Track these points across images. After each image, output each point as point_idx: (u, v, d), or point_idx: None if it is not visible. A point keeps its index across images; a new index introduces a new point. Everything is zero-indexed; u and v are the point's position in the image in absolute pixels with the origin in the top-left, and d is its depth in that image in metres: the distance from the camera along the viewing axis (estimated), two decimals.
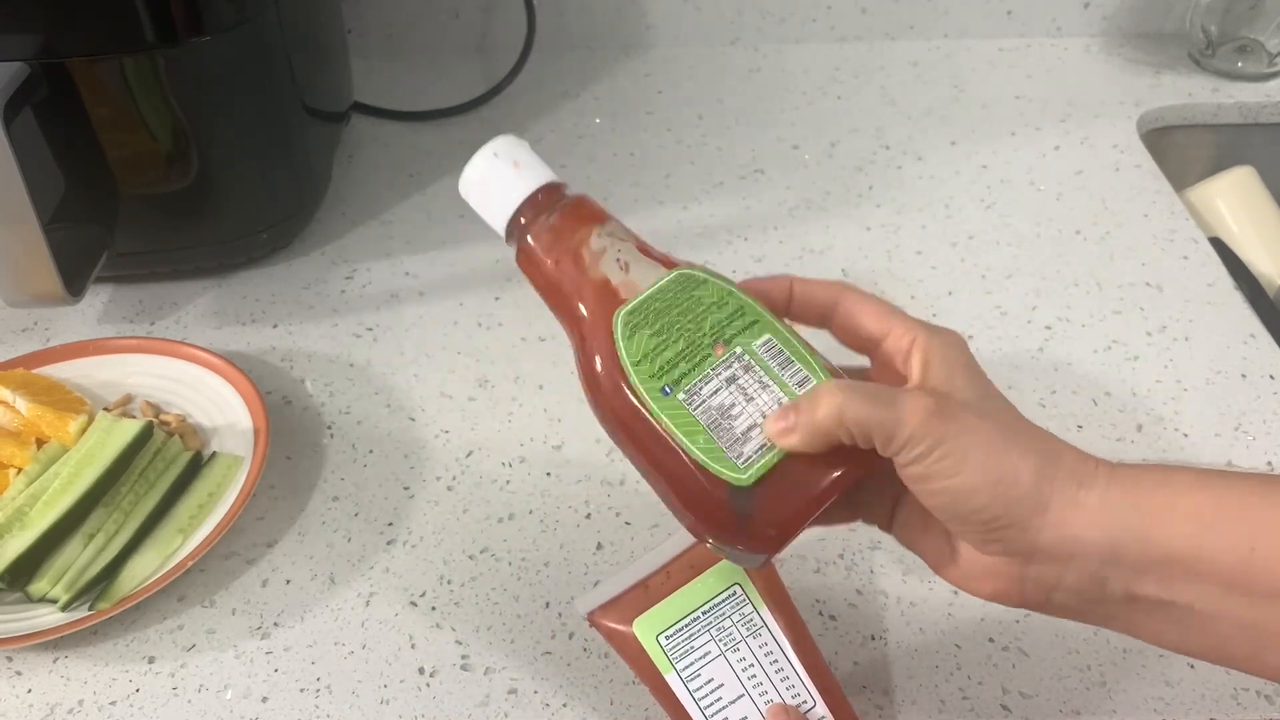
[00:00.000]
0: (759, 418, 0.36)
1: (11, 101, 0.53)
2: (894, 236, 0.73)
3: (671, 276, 0.38)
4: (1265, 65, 0.88)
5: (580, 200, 0.40)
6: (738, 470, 0.36)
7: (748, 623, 0.39)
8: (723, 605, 0.39)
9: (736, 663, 0.38)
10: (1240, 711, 0.45)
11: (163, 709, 0.47)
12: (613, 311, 0.38)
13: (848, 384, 0.35)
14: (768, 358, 0.37)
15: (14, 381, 0.58)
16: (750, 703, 0.38)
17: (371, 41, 0.94)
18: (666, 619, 0.39)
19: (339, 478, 0.57)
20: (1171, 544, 0.33)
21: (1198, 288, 0.68)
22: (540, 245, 0.39)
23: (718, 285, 0.38)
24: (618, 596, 0.39)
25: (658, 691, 0.39)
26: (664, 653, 0.38)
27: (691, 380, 0.37)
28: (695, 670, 0.38)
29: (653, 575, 0.39)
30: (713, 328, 0.37)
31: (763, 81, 0.91)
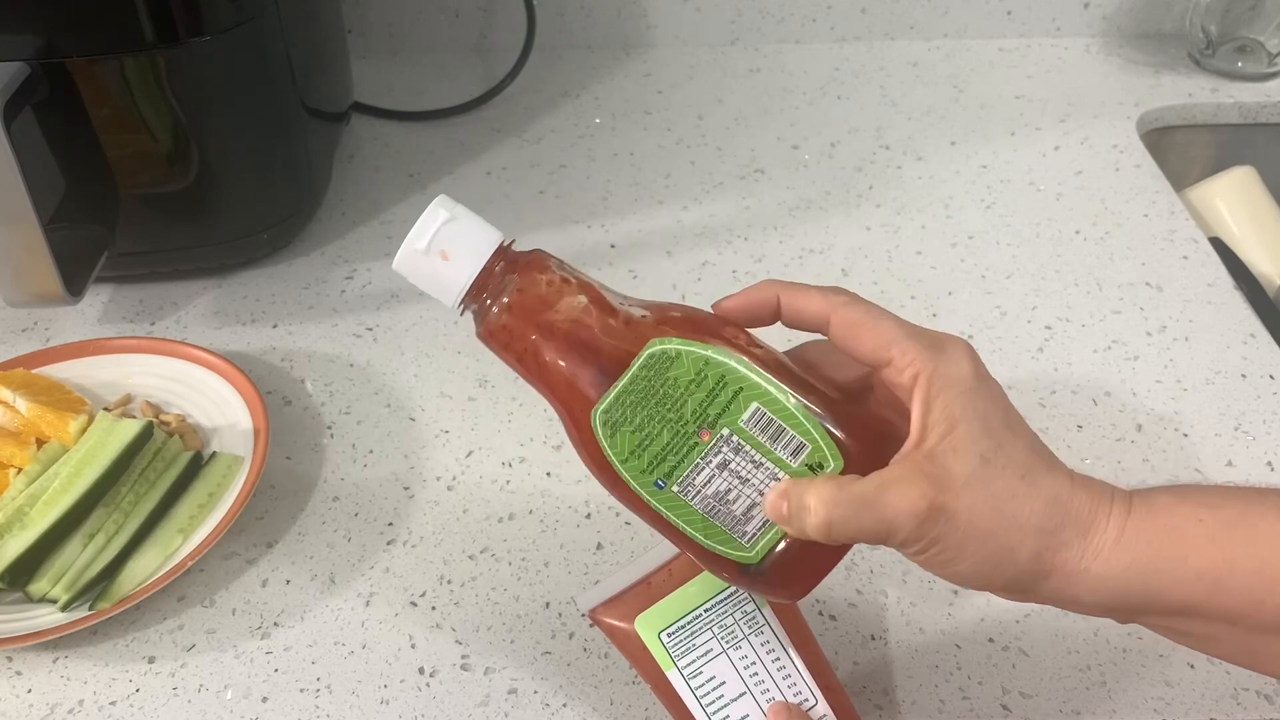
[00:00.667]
0: (757, 496, 0.35)
1: (12, 101, 0.53)
2: (894, 237, 0.73)
3: (641, 361, 0.35)
4: (1265, 65, 0.88)
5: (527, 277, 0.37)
6: (744, 549, 0.36)
7: (750, 620, 0.38)
8: (725, 603, 0.38)
9: (738, 660, 0.38)
10: (1240, 711, 0.45)
11: (163, 709, 0.47)
12: (588, 413, 0.36)
13: (830, 494, 0.33)
14: (756, 432, 0.35)
15: (14, 381, 0.58)
16: (752, 700, 0.38)
17: (371, 41, 0.94)
18: (669, 616, 0.38)
19: (339, 478, 0.57)
20: (1179, 601, 0.33)
21: (1198, 288, 0.68)
22: (498, 341, 0.36)
23: (692, 357, 0.36)
24: (620, 594, 0.39)
25: (659, 689, 0.39)
26: (666, 650, 0.38)
27: (683, 471, 0.35)
28: (697, 668, 0.38)
29: (655, 572, 0.39)
30: (694, 412, 0.35)
31: (763, 82, 0.91)
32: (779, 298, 0.37)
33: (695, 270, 0.70)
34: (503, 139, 0.84)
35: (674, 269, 0.70)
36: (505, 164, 0.82)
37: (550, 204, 0.77)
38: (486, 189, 0.79)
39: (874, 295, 0.68)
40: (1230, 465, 0.56)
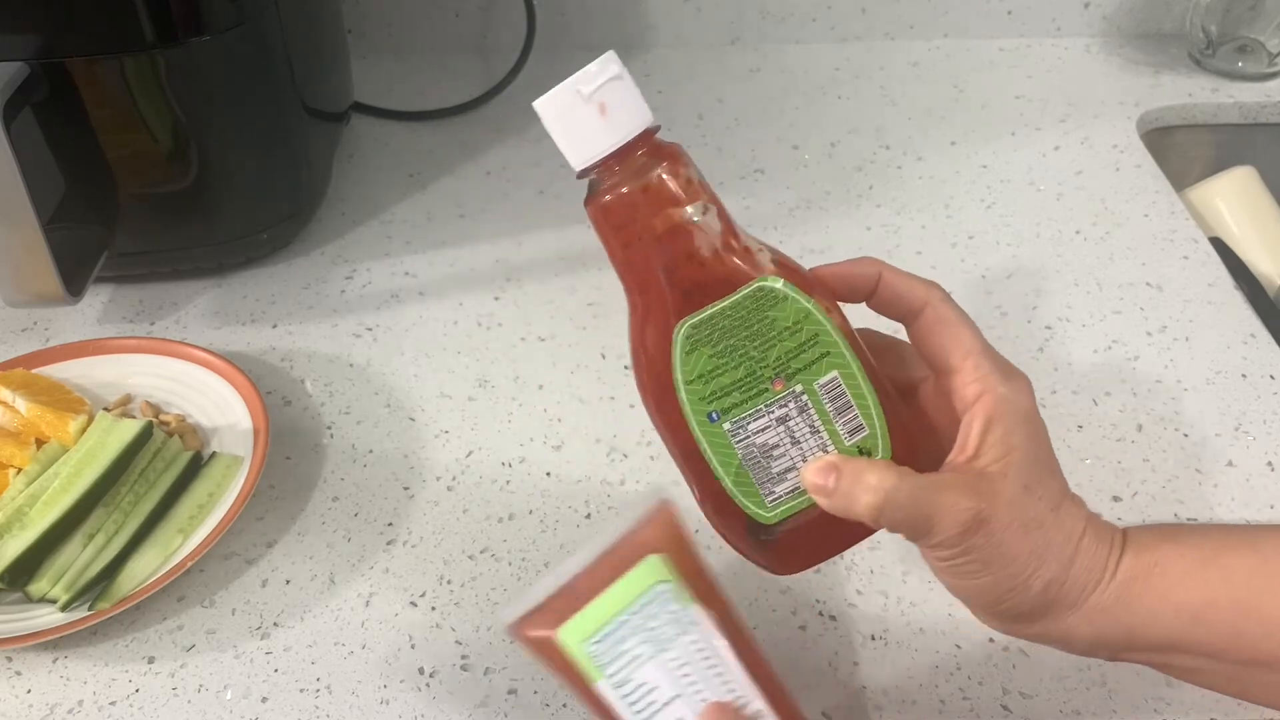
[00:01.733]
0: (800, 462, 0.36)
1: (11, 101, 0.53)
2: (894, 237, 0.73)
3: (749, 291, 0.35)
4: (1265, 65, 0.88)
5: (673, 168, 0.35)
6: (764, 508, 0.36)
7: (677, 620, 0.36)
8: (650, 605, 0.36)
9: (668, 663, 0.36)
10: (1241, 712, 0.45)
11: (162, 709, 0.47)
12: (674, 323, 0.35)
13: (892, 480, 0.34)
14: (826, 400, 0.36)
15: (14, 381, 0.58)
16: (685, 703, 0.36)
17: (371, 41, 0.94)
18: (592, 624, 0.36)
19: (339, 478, 0.57)
20: (1161, 636, 0.36)
21: (1198, 288, 0.68)
22: (616, 214, 0.35)
23: (796, 305, 0.35)
24: (541, 604, 0.37)
25: (588, 702, 0.37)
26: (592, 660, 0.36)
27: (741, 413, 0.35)
28: (625, 675, 0.36)
29: (577, 578, 0.37)
30: (777, 359, 0.35)
31: (763, 81, 0.91)
32: (880, 275, 0.37)
33: None
34: (503, 139, 0.84)
35: None
36: (505, 164, 0.82)
37: (550, 204, 0.77)
38: (487, 189, 0.79)
39: None
40: (1230, 465, 0.56)
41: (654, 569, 0.37)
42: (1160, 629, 0.35)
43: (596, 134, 0.34)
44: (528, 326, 0.66)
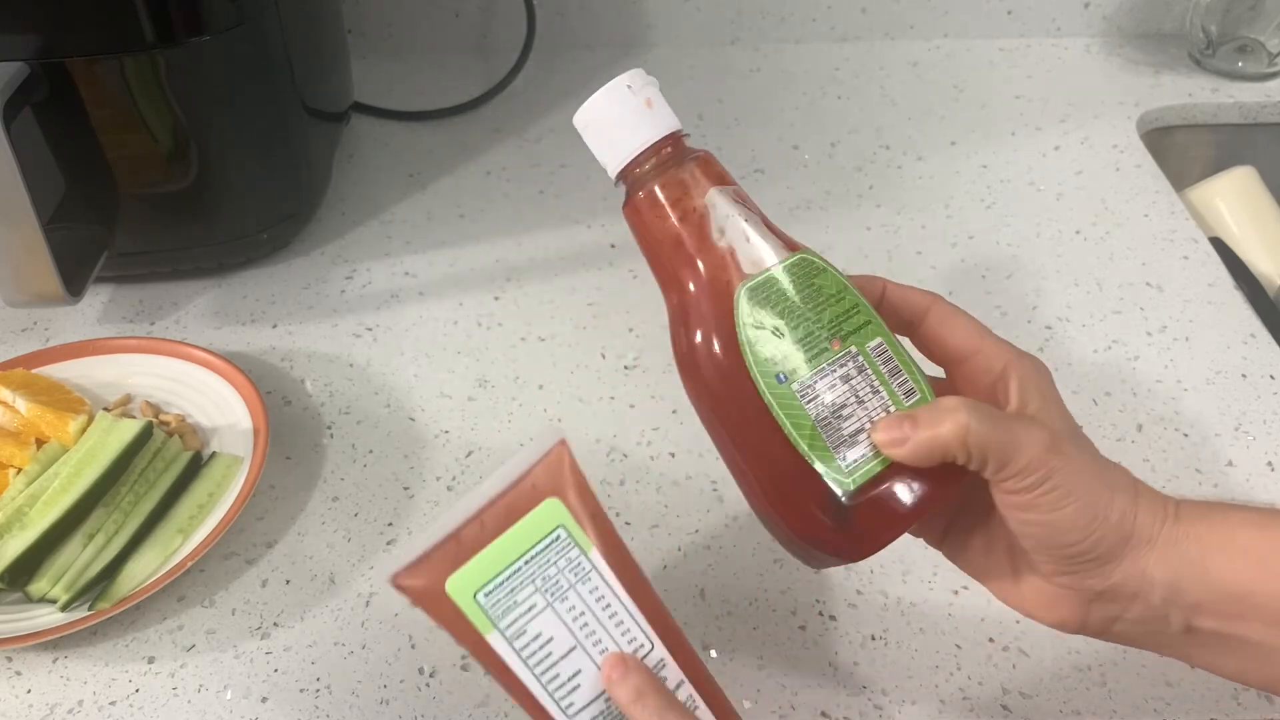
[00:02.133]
0: (866, 422, 0.35)
1: (11, 101, 0.53)
2: (894, 236, 0.73)
3: (795, 259, 0.37)
4: (1265, 65, 0.88)
5: (708, 156, 0.38)
6: (840, 473, 0.35)
7: (575, 568, 0.35)
8: (546, 551, 0.34)
9: (565, 613, 0.34)
10: (1240, 712, 0.45)
11: (162, 709, 0.47)
12: (735, 285, 0.36)
13: (972, 402, 0.34)
14: (880, 362, 0.36)
15: (14, 381, 0.58)
16: (584, 654, 0.35)
17: (371, 41, 0.94)
18: (484, 574, 0.34)
19: (339, 478, 0.57)
20: (1227, 580, 0.34)
21: (1198, 288, 0.68)
22: (664, 197, 0.37)
23: (835, 276, 0.37)
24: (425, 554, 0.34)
25: (480, 656, 0.35)
26: (483, 612, 0.34)
27: (808, 371, 0.35)
28: (520, 627, 0.34)
29: (464, 525, 0.34)
30: (831, 321, 0.36)
31: (763, 81, 0.91)
32: (885, 287, 0.40)
33: None
34: (503, 139, 0.84)
35: None
36: (505, 164, 0.82)
37: (550, 204, 0.77)
38: (487, 188, 0.79)
39: None
40: (1230, 465, 0.56)
41: (551, 512, 0.35)
42: (1231, 574, 0.34)
43: (646, 124, 0.37)
44: (528, 326, 0.66)
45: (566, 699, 0.34)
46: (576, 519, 0.35)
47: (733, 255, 0.36)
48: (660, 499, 0.55)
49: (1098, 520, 0.34)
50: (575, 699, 0.35)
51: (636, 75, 0.38)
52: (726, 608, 0.50)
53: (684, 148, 0.38)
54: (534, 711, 0.35)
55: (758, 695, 0.46)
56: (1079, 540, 0.34)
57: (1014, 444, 0.34)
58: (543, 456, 0.35)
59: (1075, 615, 0.37)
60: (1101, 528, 0.34)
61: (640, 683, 0.34)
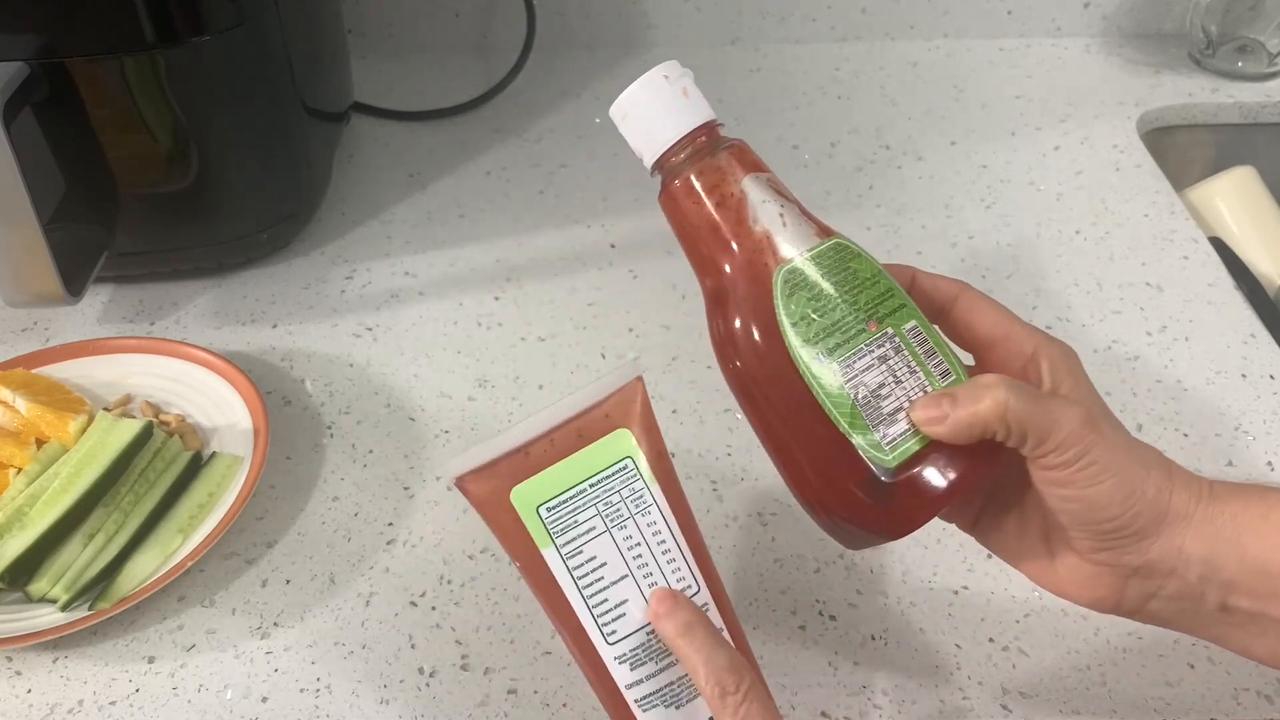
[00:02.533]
0: (905, 402, 0.36)
1: (12, 101, 0.53)
2: (894, 236, 0.73)
3: (830, 243, 0.37)
4: (1265, 65, 0.88)
5: (743, 144, 0.39)
6: (882, 450, 0.35)
7: (637, 499, 0.35)
8: (612, 479, 0.35)
9: (622, 541, 0.35)
10: (1241, 712, 0.45)
11: (163, 709, 0.47)
12: (773, 267, 0.36)
13: (1010, 379, 0.35)
14: (915, 344, 0.37)
15: (14, 381, 0.58)
16: (634, 583, 0.35)
17: (371, 41, 0.94)
18: (549, 489, 0.35)
19: (339, 478, 0.57)
20: (1263, 557, 0.35)
21: (1198, 288, 0.68)
22: (700, 184, 0.38)
23: (869, 261, 0.38)
24: (493, 461, 0.35)
25: (530, 570, 0.35)
26: (544, 525, 0.35)
27: (846, 352, 0.36)
28: (577, 546, 0.35)
29: (535, 441, 0.35)
30: (867, 304, 0.37)
31: (763, 81, 0.91)
32: (914, 275, 0.40)
33: None
34: (503, 139, 0.84)
35: (674, 269, 0.70)
36: (505, 164, 0.82)
37: (550, 204, 0.77)
38: (487, 188, 0.79)
39: None
40: (1230, 465, 0.56)
41: (621, 442, 0.36)
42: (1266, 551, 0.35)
43: (683, 114, 0.38)
44: (528, 326, 0.66)
45: (610, 625, 0.35)
46: (645, 453, 0.36)
47: (769, 240, 0.37)
48: None
49: (1135, 495, 0.35)
50: (619, 627, 0.35)
51: (672, 66, 0.38)
52: None
53: (719, 136, 0.39)
54: (574, 634, 0.35)
55: None
56: (1117, 515, 0.35)
57: (1052, 419, 0.34)
58: (619, 389, 0.36)
59: (1111, 593, 0.37)
60: (1139, 503, 0.35)
61: (690, 617, 0.35)
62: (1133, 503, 0.35)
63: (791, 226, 0.37)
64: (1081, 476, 0.34)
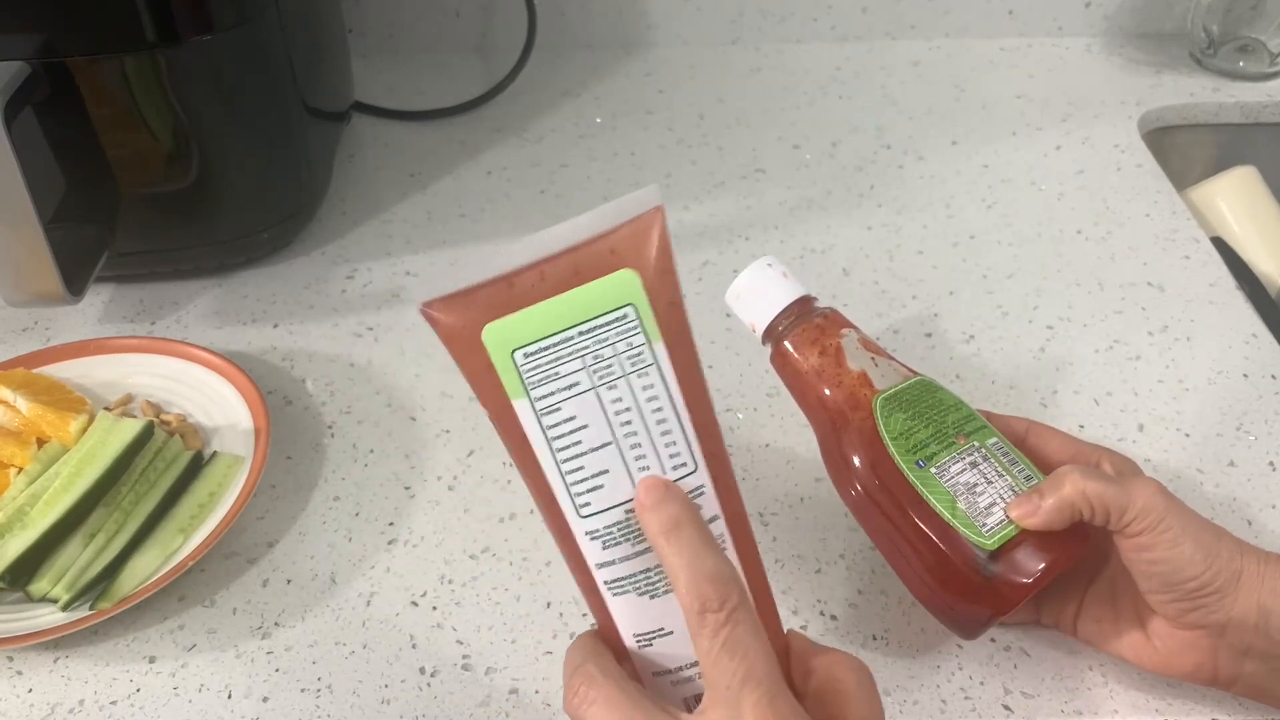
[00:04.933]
0: (998, 498, 0.42)
1: (12, 101, 0.53)
2: (895, 236, 0.73)
3: (916, 380, 0.46)
4: (1267, 65, 0.88)
5: (834, 310, 0.48)
6: (982, 537, 0.41)
7: (635, 356, 0.30)
8: (608, 329, 0.30)
9: (610, 402, 0.30)
10: (1242, 712, 0.45)
11: (163, 709, 0.47)
12: (872, 396, 0.44)
13: (1084, 468, 0.41)
14: (999, 454, 0.44)
15: (14, 381, 0.58)
16: (617, 453, 0.30)
17: (372, 41, 0.94)
18: (530, 331, 0.29)
19: (340, 477, 0.57)
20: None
21: (1199, 287, 0.68)
22: (804, 341, 0.46)
23: (950, 394, 0.46)
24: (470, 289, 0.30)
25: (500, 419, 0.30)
26: (518, 373, 0.29)
27: (942, 459, 0.43)
28: (554, 403, 0.30)
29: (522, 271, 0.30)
30: (954, 423, 0.44)
31: (764, 81, 0.91)
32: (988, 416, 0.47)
33: (696, 270, 0.70)
34: (503, 138, 0.84)
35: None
36: (506, 163, 0.82)
37: (551, 203, 0.77)
38: (487, 188, 0.79)
39: (875, 295, 0.68)
40: (1232, 465, 0.56)
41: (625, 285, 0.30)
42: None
43: (786, 290, 0.48)
44: None
45: (584, 497, 0.31)
46: (651, 302, 0.30)
47: (865, 377, 0.45)
48: None
49: (1211, 555, 0.39)
50: (593, 500, 0.30)
51: (772, 258, 0.48)
52: None
53: (813, 305, 0.48)
54: (544, 499, 0.31)
55: None
56: (1199, 573, 0.39)
57: (1128, 493, 0.40)
58: (631, 219, 0.30)
59: (1208, 658, 0.41)
60: (1216, 563, 0.39)
61: (678, 512, 0.30)
62: (1211, 562, 0.39)
63: (882, 366, 0.46)
64: (1163, 540, 0.39)
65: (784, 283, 0.48)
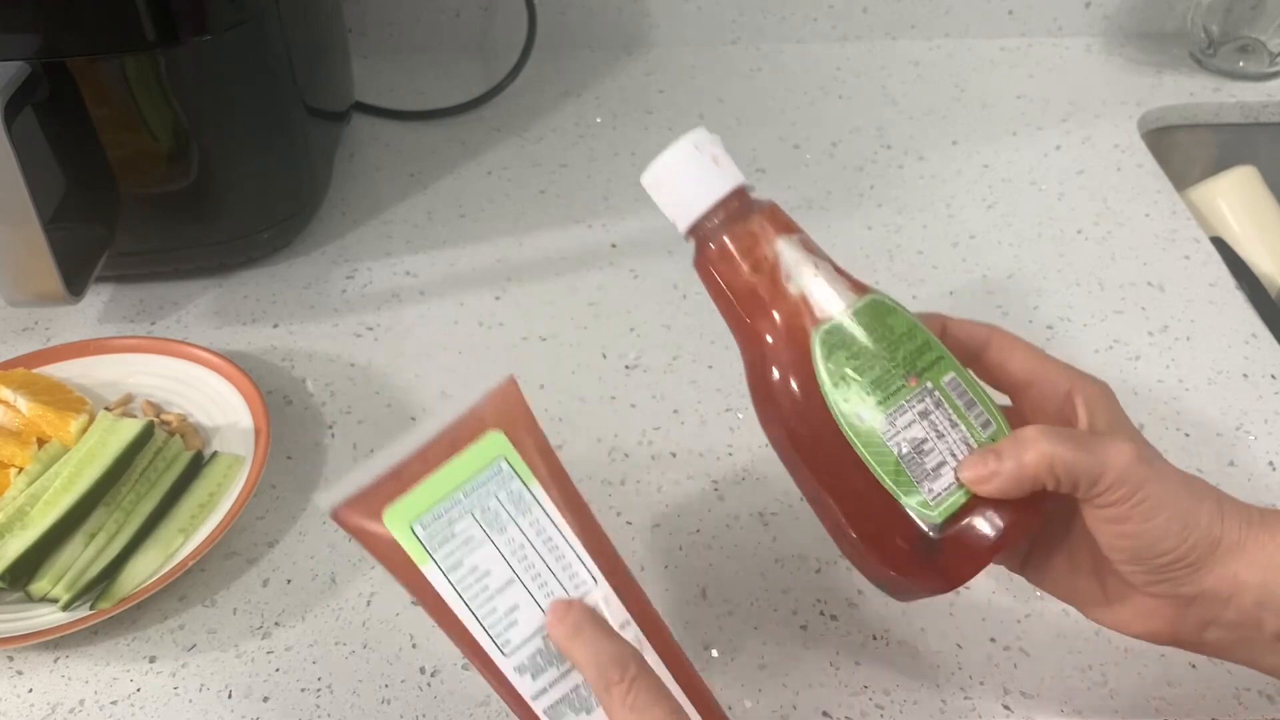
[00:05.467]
0: (948, 456, 0.37)
1: (13, 101, 0.53)
2: (895, 236, 0.73)
3: (865, 301, 0.38)
4: (1267, 65, 0.88)
5: (774, 206, 0.39)
6: (928, 507, 0.36)
7: (516, 500, 0.34)
8: (487, 483, 0.34)
9: (504, 545, 0.33)
10: (1243, 711, 0.45)
11: (164, 709, 0.47)
12: (810, 328, 0.37)
13: (1050, 429, 0.35)
14: (955, 396, 0.37)
15: (15, 381, 0.58)
16: (522, 589, 0.33)
17: (372, 41, 0.94)
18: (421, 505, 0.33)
19: (340, 477, 0.57)
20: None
21: (1199, 287, 0.68)
22: (735, 249, 0.38)
23: (904, 316, 0.38)
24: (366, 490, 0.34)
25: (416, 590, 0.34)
26: (419, 542, 0.33)
27: (888, 409, 0.36)
28: (456, 559, 0.33)
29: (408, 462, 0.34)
30: (905, 358, 0.37)
31: (764, 81, 0.91)
32: (944, 323, 0.40)
33: None
34: (504, 138, 0.84)
35: (675, 268, 0.70)
36: (506, 163, 0.82)
37: (551, 203, 0.77)
38: (488, 188, 0.79)
39: None
40: (1232, 465, 0.56)
41: (493, 445, 0.34)
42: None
43: (714, 181, 0.38)
44: (529, 326, 0.66)
45: (504, 635, 0.33)
46: (520, 451, 0.34)
47: (805, 302, 0.37)
48: (661, 499, 0.55)
49: (1189, 527, 0.35)
50: (512, 635, 0.34)
51: (701, 134, 0.38)
52: (728, 607, 0.50)
53: (749, 199, 0.39)
54: (472, 650, 0.34)
55: (759, 695, 0.46)
56: (1173, 548, 0.35)
57: (1101, 461, 0.34)
58: (490, 394, 0.35)
59: (1168, 625, 0.37)
60: (1193, 534, 0.35)
61: (578, 618, 0.34)
62: (1188, 534, 0.35)
63: (826, 286, 0.38)
64: (1137, 513, 0.35)
65: (714, 171, 0.38)
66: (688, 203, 0.38)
